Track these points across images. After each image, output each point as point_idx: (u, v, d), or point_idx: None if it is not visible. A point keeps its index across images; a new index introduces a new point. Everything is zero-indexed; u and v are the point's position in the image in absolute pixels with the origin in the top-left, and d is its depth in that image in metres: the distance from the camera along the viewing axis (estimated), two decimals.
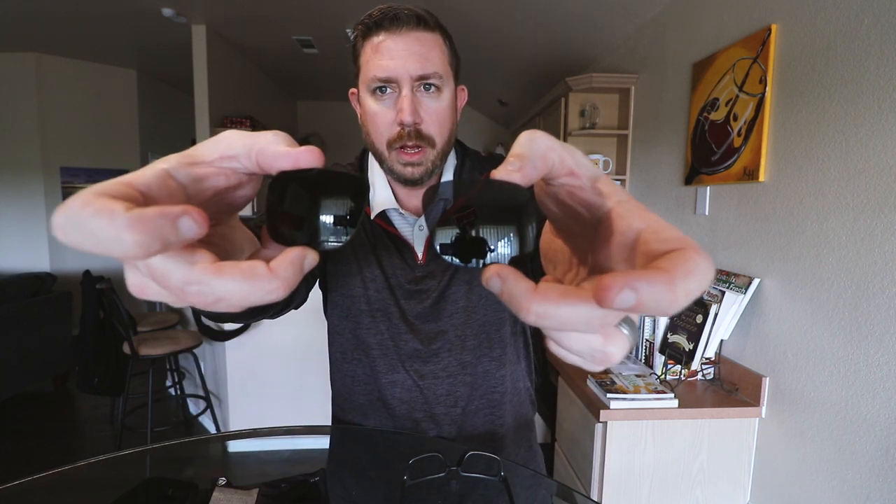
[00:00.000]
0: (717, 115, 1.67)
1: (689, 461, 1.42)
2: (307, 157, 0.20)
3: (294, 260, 0.19)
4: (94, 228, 0.16)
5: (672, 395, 1.38)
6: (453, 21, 3.42)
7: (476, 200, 0.21)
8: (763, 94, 1.44)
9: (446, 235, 0.21)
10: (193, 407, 2.95)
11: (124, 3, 3.19)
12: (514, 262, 0.20)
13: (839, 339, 1.18)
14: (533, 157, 0.20)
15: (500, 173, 0.20)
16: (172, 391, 2.97)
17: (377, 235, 0.72)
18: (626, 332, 0.20)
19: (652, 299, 0.16)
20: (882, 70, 1.08)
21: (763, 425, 1.42)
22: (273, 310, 0.60)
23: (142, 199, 0.18)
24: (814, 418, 1.25)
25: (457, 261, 0.21)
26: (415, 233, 0.71)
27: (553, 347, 0.20)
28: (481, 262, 0.21)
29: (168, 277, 0.18)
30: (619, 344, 0.19)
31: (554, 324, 0.18)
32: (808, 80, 1.29)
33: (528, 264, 0.20)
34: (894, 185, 1.05)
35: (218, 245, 0.23)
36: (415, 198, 0.71)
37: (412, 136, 0.62)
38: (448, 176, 0.73)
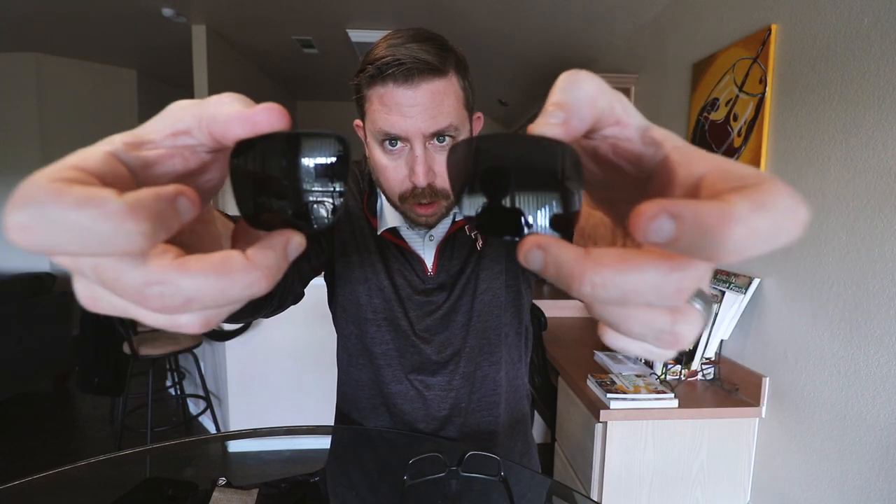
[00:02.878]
0: (717, 115, 1.67)
1: (689, 461, 1.42)
2: (267, 116, 0.16)
3: (275, 245, 0.16)
4: (83, 222, 0.12)
5: (672, 395, 1.38)
6: (453, 21, 3.42)
7: (512, 160, 0.17)
8: (763, 94, 1.44)
9: (474, 205, 0.18)
10: (193, 407, 2.95)
11: (124, 3, 3.19)
12: (558, 232, 0.17)
13: (839, 339, 1.18)
14: (578, 105, 0.17)
15: (539, 127, 0.17)
16: (172, 391, 2.97)
17: (386, 247, 0.71)
18: (698, 306, 0.16)
19: (698, 231, 0.12)
20: (882, 70, 1.08)
21: (763, 425, 1.42)
22: (267, 307, 0.57)
23: (101, 186, 0.14)
24: (814, 418, 1.25)
25: (489, 234, 0.18)
26: (425, 244, 0.70)
27: (609, 338, 0.17)
28: (516, 236, 0.17)
29: (120, 280, 0.14)
30: (691, 321, 0.16)
31: (615, 294, 0.14)
32: (808, 80, 1.29)
33: (573, 236, 0.17)
34: (894, 185, 1.05)
35: (189, 245, 0.19)
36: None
37: (426, 194, 0.59)
38: None
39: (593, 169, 0.20)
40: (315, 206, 0.17)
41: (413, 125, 0.55)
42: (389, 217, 0.69)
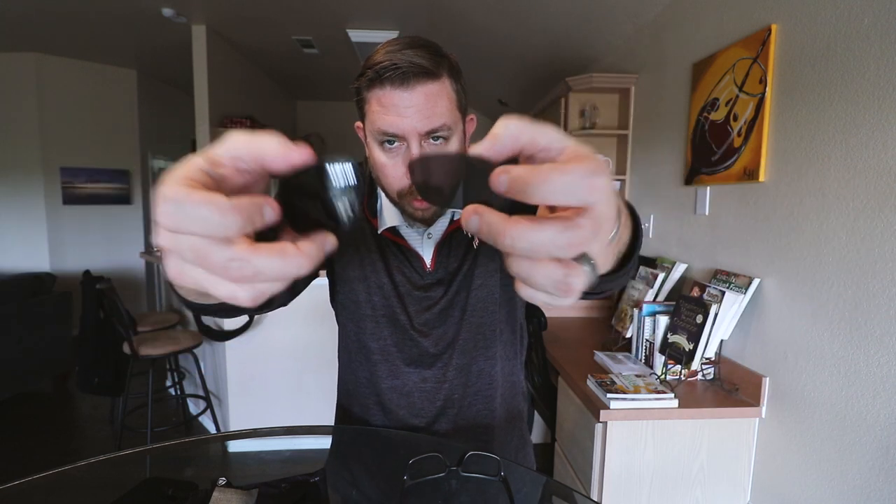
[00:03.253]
0: (717, 115, 1.68)
1: (689, 461, 1.42)
2: (301, 157, 0.23)
3: (316, 242, 0.23)
4: (204, 214, 0.19)
5: (672, 395, 1.38)
6: (453, 21, 3.42)
7: (460, 168, 0.27)
8: (763, 94, 1.44)
9: (434, 192, 0.27)
10: (193, 407, 2.95)
11: (124, 3, 3.19)
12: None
13: (839, 339, 1.18)
14: (502, 139, 0.23)
15: (475, 148, 0.24)
16: (172, 391, 2.97)
17: (386, 246, 0.74)
18: (586, 268, 0.23)
19: (520, 182, 0.20)
20: (882, 70, 1.08)
21: (763, 425, 1.42)
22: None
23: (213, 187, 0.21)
24: (814, 418, 1.25)
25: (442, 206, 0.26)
26: (423, 241, 0.74)
27: (521, 289, 0.23)
28: (460, 208, 0.25)
29: (211, 256, 0.21)
30: (579, 275, 0.22)
31: (525, 245, 0.21)
32: (808, 80, 1.29)
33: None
34: (894, 185, 1.05)
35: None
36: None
37: None
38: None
39: None
40: (336, 214, 0.24)
41: (409, 124, 0.59)
42: (389, 216, 0.72)
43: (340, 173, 0.24)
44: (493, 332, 0.76)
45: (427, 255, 0.74)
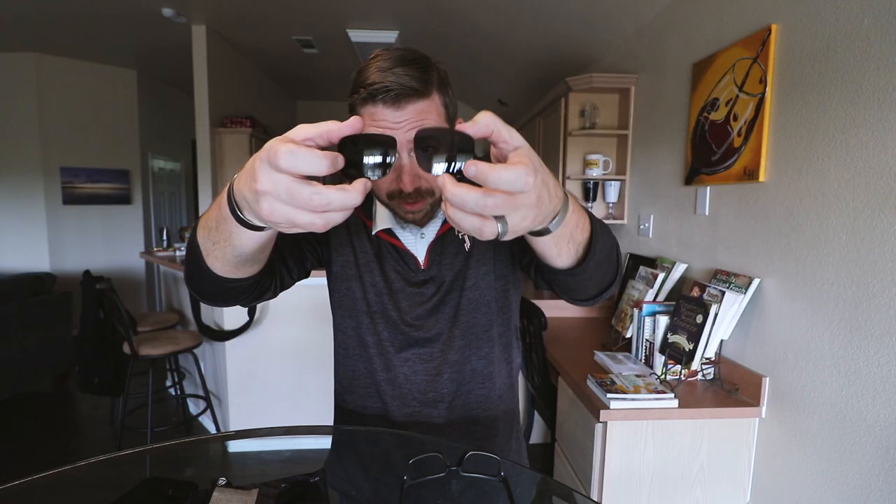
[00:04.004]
0: (717, 115, 1.68)
1: (689, 461, 1.42)
2: (356, 123, 0.35)
3: (360, 182, 0.34)
4: (311, 158, 0.32)
5: (672, 395, 1.38)
6: (453, 21, 3.42)
7: (441, 134, 0.38)
8: (763, 94, 1.44)
9: (420, 155, 0.37)
10: (193, 407, 2.95)
11: (124, 3, 3.20)
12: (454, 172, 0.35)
13: (839, 339, 1.18)
14: (480, 123, 0.35)
15: (461, 126, 0.35)
16: (172, 391, 2.97)
17: (382, 245, 0.78)
18: (498, 225, 0.34)
19: (480, 174, 0.31)
20: (882, 70, 1.08)
21: (763, 425, 1.42)
22: (255, 292, 0.67)
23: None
24: (814, 418, 1.25)
25: (423, 167, 0.36)
26: (417, 241, 0.77)
27: (449, 217, 0.34)
28: (441, 167, 0.35)
29: (301, 192, 0.32)
30: (489, 226, 0.33)
31: (458, 201, 0.32)
32: (808, 80, 1.29)
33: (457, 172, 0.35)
34: (894, 185, 1.05)
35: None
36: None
37: (412, 195, 0.66)
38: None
39: (495, 162, 0.38)
40: (375, 167, 0.36)
41: (399, 137, 0.62)
42: (382, 219, 0.76)
43: (381, 140, 0.36)
44: (486, 333, 0.79)
45: (420, 255, 0.77)
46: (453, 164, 0.35)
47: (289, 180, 0.32)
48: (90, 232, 4.66)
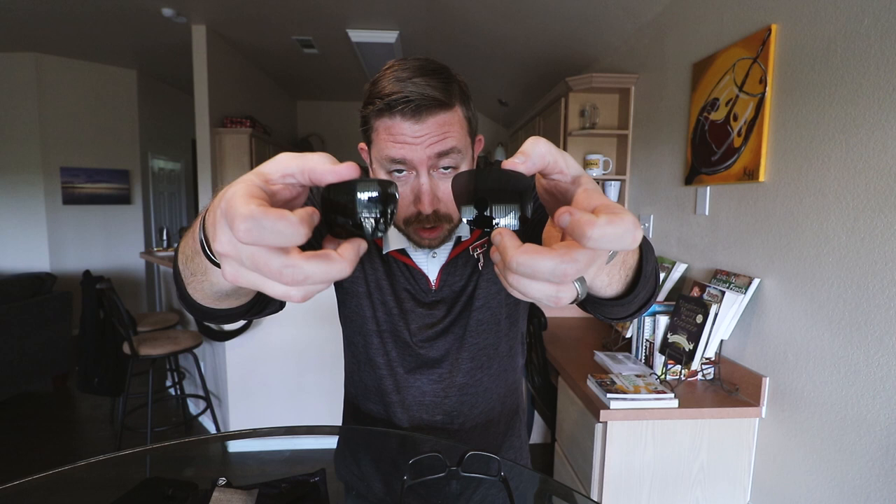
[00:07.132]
0: (717, 115, 1.68)
1: (689, 461, 1.42)
2: (348, 171, 0.26)
3: (353, 246, 0.26)
4: (281, 228, 0.22)
5: (672, 395, 1.38)
6: (453, 21, 3.42)
7: (494, 184, 0.28)
8: (763, 94, 1.44)
9: (471, 212, 0.29)
10: (193, 407, 2.95)
11: (124, 3, 3.19)
12: (517, 229, 0.27)
13: (839, 339, 1.18)
14: (534, 155, 0.28)
15: (508, 163, 0.28)
16: (172, 391, 2.97)
17: (393, 263, 0.75)
18: (577, 285, 0.27)
19: (578, 226, 0.23)
20: (882, 70, 1.08)
21: (763, 425, 1.42)
22: (251, 313, 0.59)
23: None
24: (814, 418, 1.25)
25: (476, 226, 0.28)
26: (429, 261, 0.74)
27: (512, 291, 0.27)
28: (490, 229, 0.27)
29: (269, 263, 0.23)
30: (568, 291, 0.26)
31: (528, 270, 0.24)
32: (808, 80, 1.29)
33: (528, 231, 0.28)
34: (894, 185, 1.05)
35: None
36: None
37: (430, 219, 0.62)
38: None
39: (547, 198, 0.33)
40: (371, 223, 0.27)
41: (419, 154, 0.58)
42: (394, 239, 0.72)
43: (375, 189, 0.27)
44: (494, 351, 0.78)
45: (432, 275, 0.74)
46: (514, 216, 0.27)
47: (253, 249, 0.23)
48: (90, 232, 4.66)
